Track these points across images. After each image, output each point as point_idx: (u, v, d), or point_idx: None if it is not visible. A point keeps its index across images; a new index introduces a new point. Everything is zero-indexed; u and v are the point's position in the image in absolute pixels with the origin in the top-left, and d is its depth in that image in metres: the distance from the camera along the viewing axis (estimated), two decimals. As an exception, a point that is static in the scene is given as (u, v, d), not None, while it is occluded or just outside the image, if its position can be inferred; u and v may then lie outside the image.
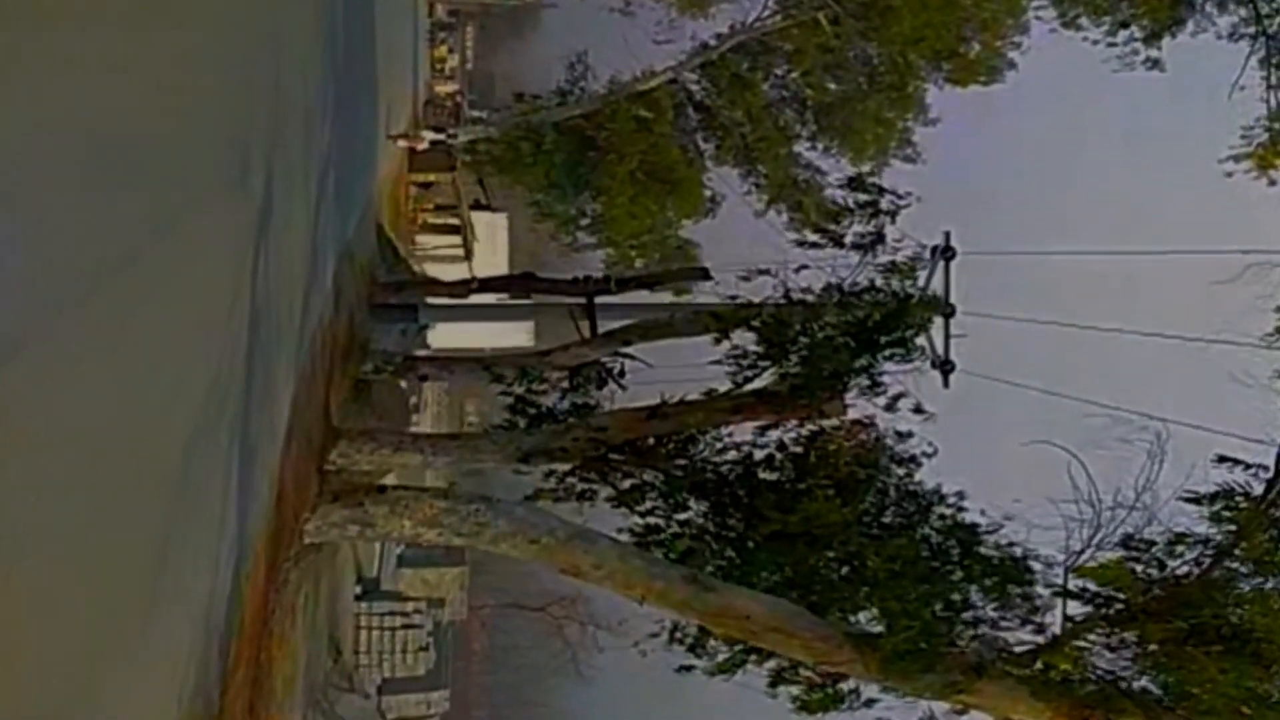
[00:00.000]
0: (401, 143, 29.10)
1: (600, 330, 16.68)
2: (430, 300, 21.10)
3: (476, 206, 40.71)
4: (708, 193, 35.52)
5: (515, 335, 48.87)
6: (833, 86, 34.50)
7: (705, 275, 18.79)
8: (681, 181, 34.12)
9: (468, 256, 36.12)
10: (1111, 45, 27.79)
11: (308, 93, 13.21)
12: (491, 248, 40.25)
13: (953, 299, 16.09)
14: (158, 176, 7.03)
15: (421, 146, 30.09)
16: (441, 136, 29.23)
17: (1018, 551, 10.56)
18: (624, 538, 11.27)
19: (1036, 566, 10.43)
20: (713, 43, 34.94)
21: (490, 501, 10.81)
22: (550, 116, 35.47)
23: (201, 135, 8.29)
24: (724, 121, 35.10)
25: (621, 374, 13.86)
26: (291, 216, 11.39)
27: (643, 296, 19.24)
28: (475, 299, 21.42)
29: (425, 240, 35.06)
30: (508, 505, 10.86)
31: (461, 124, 50.78)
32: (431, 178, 33.91)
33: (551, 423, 12.30)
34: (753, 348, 11.61)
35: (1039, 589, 10.40)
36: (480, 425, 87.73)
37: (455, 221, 36.36)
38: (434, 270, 32.86)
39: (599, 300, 17.75)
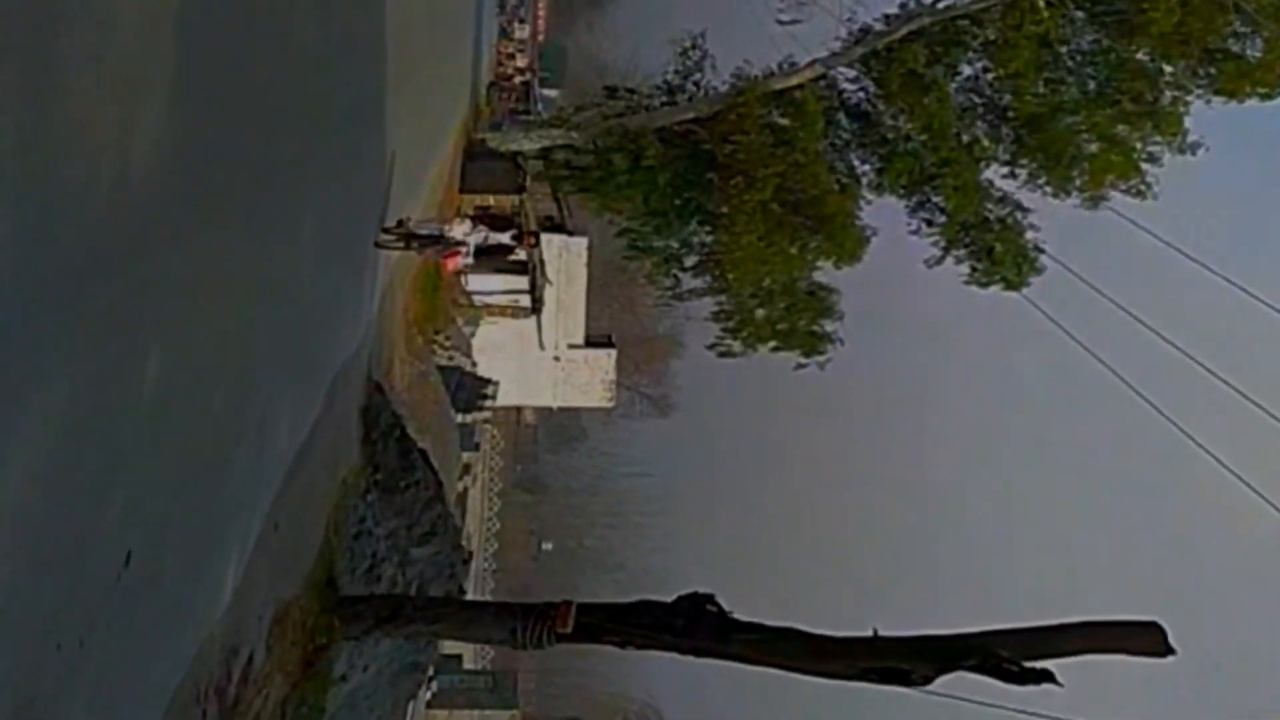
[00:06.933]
0: (409, 252, 15.86)
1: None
2: None
3: (549, 226, 31.66)
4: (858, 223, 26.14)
5: (593, 389, 39.87)
6: (1044, 92, 24.97)
7: (1047, 679, 9.41)
8: (832, 215, 24.77)
9: (535, 308, 27.01)
10: None
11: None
12: (566, 283, 31.15)
13: None
14: None
15: (454, 266, 17.66)
16: (504, 238, 14.70)
17: None
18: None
19: None
20: (879, 28, 25.67)
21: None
22: (652, 120, 26.35)
23: None
24: (889, 134, 25.75)
25: None
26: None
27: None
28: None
29: (479, 282, 26.09)
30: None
31: (531, 106, 41.53)
32: (491, 201, 24.91)
33: None
34: None
35: None
36: (538, 425, 75.89)
37: (521, 256, 27.38)
38: (488, 332, 23.91)
39: None
